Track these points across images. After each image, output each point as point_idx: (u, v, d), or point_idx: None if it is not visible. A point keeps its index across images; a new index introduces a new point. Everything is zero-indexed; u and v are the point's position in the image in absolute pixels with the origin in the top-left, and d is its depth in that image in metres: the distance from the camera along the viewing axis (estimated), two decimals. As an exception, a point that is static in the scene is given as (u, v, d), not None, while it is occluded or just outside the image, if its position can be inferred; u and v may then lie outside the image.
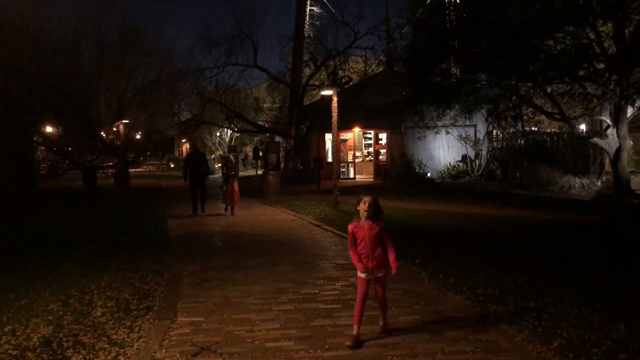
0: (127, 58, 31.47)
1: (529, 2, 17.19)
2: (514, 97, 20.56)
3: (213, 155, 43.32)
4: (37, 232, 11.92)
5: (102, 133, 30.87)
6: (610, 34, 16.76)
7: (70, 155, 27.83)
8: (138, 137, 34.75)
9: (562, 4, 16.53)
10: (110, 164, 28.34)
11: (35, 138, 26.11)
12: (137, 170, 42.30)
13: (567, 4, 16.35)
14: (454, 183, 23.95)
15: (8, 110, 19.61)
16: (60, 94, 23.27)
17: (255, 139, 43.42)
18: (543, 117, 23.03)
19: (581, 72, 17.24)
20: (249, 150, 46.47)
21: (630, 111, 17.74)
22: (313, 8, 32.32)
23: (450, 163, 26.13)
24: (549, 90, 18.84)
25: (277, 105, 38.83)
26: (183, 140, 52.98)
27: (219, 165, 42.21)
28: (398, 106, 23.33)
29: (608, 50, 16.61)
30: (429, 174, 25.37)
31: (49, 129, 28.10)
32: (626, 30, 16.11)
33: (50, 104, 23.10)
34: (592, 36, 16.81)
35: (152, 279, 7.47)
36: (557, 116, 19.41)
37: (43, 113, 23.94)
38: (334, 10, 29.19)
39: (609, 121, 18.05)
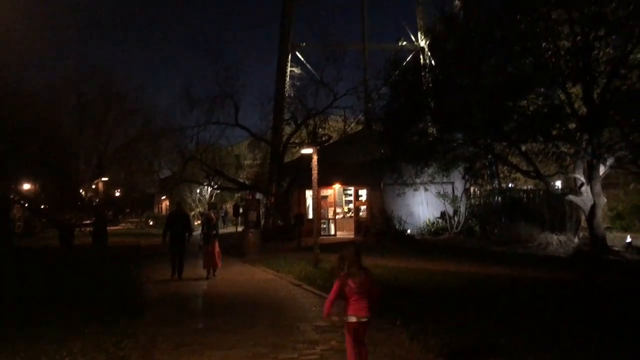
0: (109, 116, 31.57)
1: (501, 66, 17.84)
2: (490, 156, 21.01)
3: (193, 212, 43.03)
4: (7, 294, 11.59)
5: (81, 190, 30.63)
6: (579, 96, 17.39)
7: (47, 213, 27.45)
8: (117, 194, 34.49)
9: (533, 67, 17.19)
10: (88, 222, 27.99)
11: (12, 196, 25.80)
12: (115, 228, 41.72)
13: (537, 67, 17.02)
14: (433, 240, 24.06)
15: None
16: (40, 152, 23.20)
17: (236, 195, 43.37)
18: (519, 174, 23.50)
19: (554, 132, 17.74)
20: (229, 207, 46.30)
21: (602, 169, 18.19)
22: (294, 69, 33.18)
23: (429, 220, 26.34)
24: (523, 149, 19.29)
25: (258, 162, 39.04)
26: (163, 198, 52.69)
27: (199, 222, 41.91)
28: (377, 164, 23.68)
29: (578, 111, 17.20)
30: (409, 231, 25.49)
31: (26, 186, 27.82)
32: (594, 92, 16.73)
33: (29, 162, 22.98)
34: (563, 97, 17.43)
35: (127, 343, 7.27)
36: (533, 174, 19.83)
37: (21, 171, 23.78)
38: (314, 72, 29.96)
39: (582, 179, 18.46)
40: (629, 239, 18.44)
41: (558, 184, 25.65)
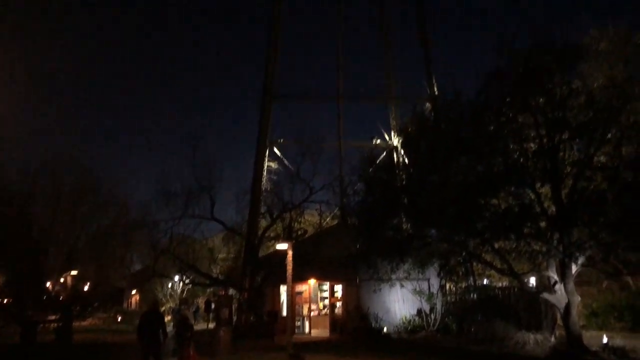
0: (82, 208, 31.18)
1: (471, 165, 18.38)
2: (464, 253, 21.12)
3: (163, 308, 41.71)
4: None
5: (48, 284, 29.62)
6: (548, 196, 17.87)
7: (9, 309, 26.32)
8: (86, 288, 33.41)
9: (502, 167, 17.75)
10: (53, 317, 26.86)
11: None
12: (82, 324, 40.05)
13: (506, 167, 17.57)
14: (410, 338, 23.58)
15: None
16: (8, 244, 22.64)
17: (208, 290, 42.39)
18: (494, 271, 23.55)
19: (526, 230, 17.98)
20: (201, 302, 45.08)
21: (574, 267, 18.35)
22: (270, 164, 33.77)
23: (405, 317, 25.92)
24: (496, 246, 19.46)
25: (232, 256, 38.57)
26: (133, 292, 51.19)
27: (169, 318, 40.55)
28: (353, 259, 23.57)
29: (548, 210, 17.59)
30: (385, 329, 25.00)
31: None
32: (562, 193, 17.24)
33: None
34: (533, 197, 17.87)
35: None
36: (507, 272, 19.89)
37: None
38: (290, 167, 30.45)
39: (556, 277, 18.55)
40: (605, 339, 18.29)
41: (532, 281, 25.73)
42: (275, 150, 34.64)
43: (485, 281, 26.86)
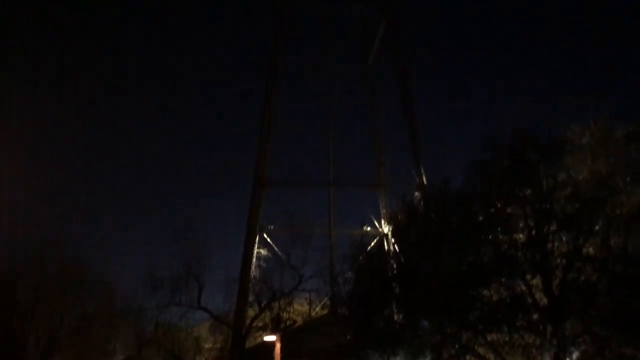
0: (67, 292, 30.47)
1: (461, 254, 18.37)
2: (457, 346, 20.64)
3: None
4: None
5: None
6: (539, 287, 17.74)
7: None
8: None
9: (492, 257, 17.75)
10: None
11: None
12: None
13: (497, 257, 17.58)
14: None
15: None
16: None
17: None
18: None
19: (518, 322, 17.71)
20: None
21: (570, 361, 17.92)
22: (260, 250, 33.53)
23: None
24: (489, 339, 19.05)
25: (217, 346, 37.36)
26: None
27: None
28: (343, 350, 22.90)
29: (540, 302, 17.41)
30: None
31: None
32: (553, 284, 17.14)
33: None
34: (524, 288, 17.73)
35: None
36: (501, 366, 19.34)
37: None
38: (280, 254, 30.27)
39: (551, 372, 18.07)
40: None
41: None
42: (265, 236, 34.52)
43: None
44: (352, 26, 41.65)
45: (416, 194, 25.42)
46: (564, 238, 17.46)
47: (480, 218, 18.60)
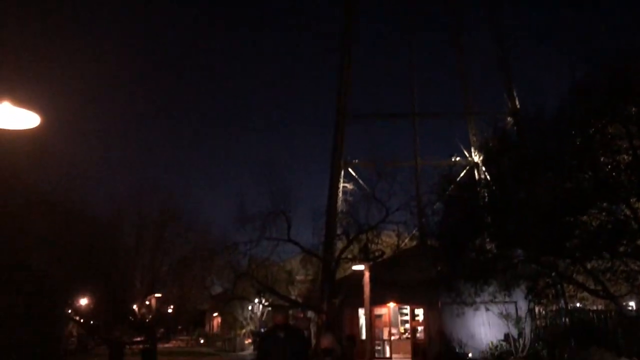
0: (165, 234, 32.14)
1: (558, 182, 17.32)
2: (553, 274, 19.90)
3: (244, 331, 42.19)
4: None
5: (134, 307, 30.69)
6: (646, 211, 16.49)
7: (99, 330, 27.40)
8: (170, 310, 34.39)
9: (592, 182, 16.60)
10: (139, 339, 27.71)
11: (69, 311, 26.11)
12: (165, 345, 41.22)
13: (597, 182, 16.41)
14: (497, 365, 22.39)
15: (42, 284, 19.82)
16: (98, 272, 23.68)
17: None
18: (587, 293, 22.03)
19: (621, 249, 16.71)
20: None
21: (680, 289, 16.82)
22: (346, 185, 33.56)
23: (492, 342, 24.66)
24: (589, 266, 18.19)
25: (310, 278, 38.48)
26: (215, 315, 52.14)
27: (249, 341, 40.93)
28: (433, 282, 22.77)
29: (646, 227, 16.22)
30: (470, 354, 23.89)
31: (82, 302, 28.17)
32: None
33: (86, 280, 23.38)
34: (628, 212, 16.57)
35: None
36: (602, 294, 18.51)
37: (78, 288, 24.14)
38: (366, 187, 30.03)
39: (658, 300, 17.07)
40: None
41: (632, 304, 23.89)
42: (350, 171, 34.42)
43: (577, 304, 25.15)
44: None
45: (508, 119, 24.09)
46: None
47: (578, 141, 17.34)
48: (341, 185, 33.82)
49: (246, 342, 41.50)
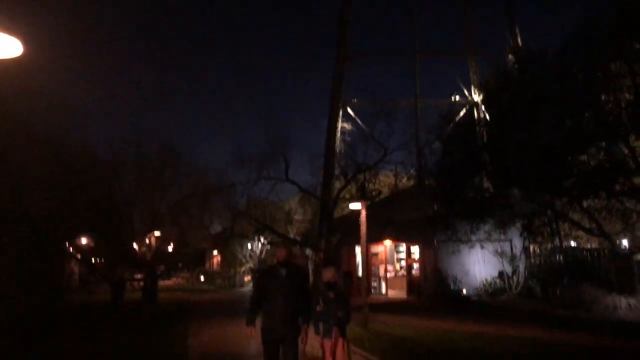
0: (164, 174, 32.18)
1: (559, 120, 17.20)
2: (549, 212, 20.09)
3: (243, 268, 42.95)
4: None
5: (134, 245, 31.11)
6: (645, 150, 16.48)
7: (100, 269, 27.87)
8: (170, 249, 34.91)
9: (592, 121, 16.50)
10: (139, 276, 28.24)
11: (70, 249, 26.47)
12: (166, 283, 42.08)
13: (597, 121, 16.31)
14: (491, 301, 22.92)
15: (44, 223, 19.95)
16: (98, 210, 23.83)
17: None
18: (582, 232, 22.31)
19: (617, 187, 16.81)
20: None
21: (673, 227, 17.03)
22: (344, 125, 33.34)
23: (486, 279, 25.15)
24: (585, 205, 18.34)
25: (308, 218, 38.87)
26: (214, 253, 52.94)
27: (249, 278, 41.72)
28: (430, 220, 22.99)
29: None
30: (464, 291, 24.41)
31: (83, 241, 28.51)
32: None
33: (87, 217, 23.55)
34: (626, 151, 16.55)
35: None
36: (596, 232, 18.76)
37: (79, 225, 24.36)
38: (364, 127, 29.88)
39: (651, 237, 17.31)
40: None
41: (625, 242, 24.24)
42: (349, 110, 34.15)
43: (572, 243, 25.53)
44: None
45: (509, 57, 23.66)
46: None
47: (580, 79, 17.10)
48: (340, 125, 33.62)
49: (245, 279, 42.35)
